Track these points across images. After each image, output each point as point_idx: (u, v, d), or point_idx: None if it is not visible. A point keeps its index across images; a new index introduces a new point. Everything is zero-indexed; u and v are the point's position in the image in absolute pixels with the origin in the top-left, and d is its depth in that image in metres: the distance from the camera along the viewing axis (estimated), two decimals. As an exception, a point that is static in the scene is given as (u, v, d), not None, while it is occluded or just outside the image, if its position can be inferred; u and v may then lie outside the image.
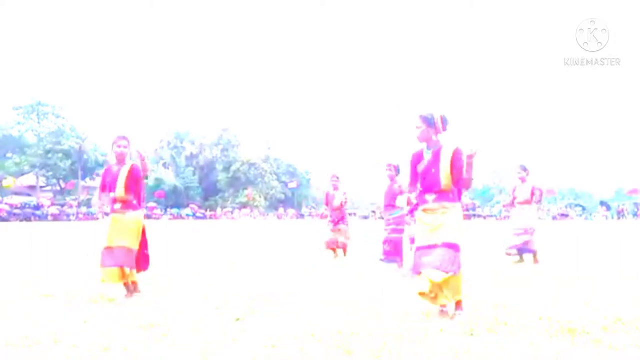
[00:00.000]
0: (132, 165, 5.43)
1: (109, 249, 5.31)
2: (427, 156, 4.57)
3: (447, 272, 4.25)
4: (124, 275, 5.37)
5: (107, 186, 5.50)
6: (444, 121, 4.52)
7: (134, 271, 5.44)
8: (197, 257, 10.40)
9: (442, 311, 4.41)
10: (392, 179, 8.23)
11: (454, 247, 4.34)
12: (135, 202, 5.47)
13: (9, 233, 20.76)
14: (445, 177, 4.40)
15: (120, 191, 5.37)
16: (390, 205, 8.24)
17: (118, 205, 5.41)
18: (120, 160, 5.47)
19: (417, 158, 4.67)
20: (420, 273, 4.46)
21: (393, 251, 8.01)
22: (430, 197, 4.52)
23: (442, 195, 4.46)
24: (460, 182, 4.42)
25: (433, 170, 4.49)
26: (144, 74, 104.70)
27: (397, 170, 8.19)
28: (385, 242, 8.15)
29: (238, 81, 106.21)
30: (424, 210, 4.55)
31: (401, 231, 8.12)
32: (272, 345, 3.44)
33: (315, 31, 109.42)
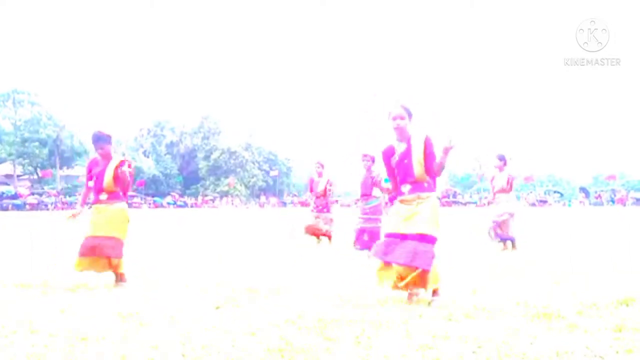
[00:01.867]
0: (120, 163, 5.35)
1: (93, 238, 5.26)
2: (399, 148, 4.56)
3: (418, 268, 4.24)
4: (110, 265, 5.34)
5: (94, 177, 5.43)
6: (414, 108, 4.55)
7: (122, 261, 5.38)
8: (178, 246, 10.35)
9: (410, 295, 4.44)
10: (368, 169, 8.27)
11: (427, 238, 4.32)
12: (121, 193, 5.44)
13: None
14: (418, 167, 4.41)
15: (108, 182, 5.32)
16: (366, 194, 8.29)
17: (104, 196, 5.36)
18: (106, 157, 5.41)
19: (389, 152, 4.67)
20: (386, 262, 4.45)
21: (369, 240, 8.06)
22: (405, 188, 4.52)
23: (417, 185, 4.46)
24: (432, 171, 4.44)
25: (406, 161, 4.49)
26: (123, 62, 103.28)
27: (373, 160, 8.22)
28: (361, 231, 8.19)
29: (218, 68, 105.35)
30: (401, 201, 4.56)
31: (377, 220, 8.17)
32: (251, 332, 3.44)
33: (296, 18, 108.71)
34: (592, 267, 6.58)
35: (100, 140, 5.37)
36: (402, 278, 4.34)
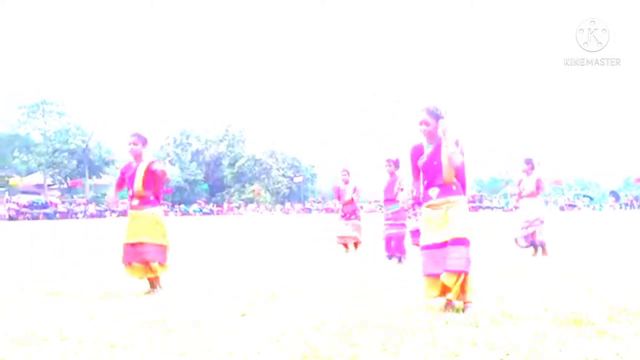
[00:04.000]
0: (150, 163, 5.42)
1: (130, 245, 5.35)
2: (428, 150, 4.48)
3: (460, 272, 4.19)
4: (150, 271, 5.38)
5: (126, 182, 5.52)
6: (444, 111, 4.40)
7: (158, 265, 5.42)
8: (204, 252, 10.44)
9: (447, 303, 4.36)
10: (392, 174, 8.25)
11: (463, 242, 4.25)
12: (152, 198, 5.49)
13: (17, 232, 20.90)
14: (447, 170, 4.31)
15: (138, 187, 5.39)
16: (390, 199, 8.26)
17: (135, 202, 5.44)
18: (137, 157, 5.49)
19: (417, 152, 4.58)
20: (432, 275, 4.36)
21: (396, 247, 8.02)
22: (433, 192, 4.42)
23: (445, 188, 4.37)
24: (460, 174, 4.38)
25: (435, 163, 4.39)
26: (148, 71, 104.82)
27: (397, 165, 8.20)
28: (387, 238, 8.16)
29: (241, 77, 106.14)
30: (428, 206, 4.45)
31: (402, 226, 8.13)
32: (276, 339, 3.45)
33: (318, 25, 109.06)
34: (621, 271, 6.44)
35: (132, 136, 5.45)
36: (446, 286, 4.26)
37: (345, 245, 9.84)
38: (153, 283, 5.48)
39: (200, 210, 53.12)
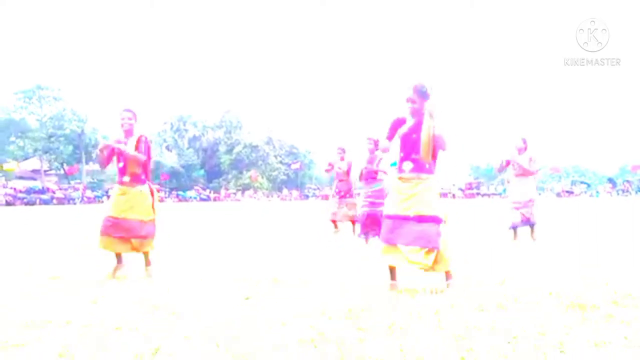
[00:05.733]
0: (140, 137, 5.43)
1: (114, 218, 5.33)
2: (409, 122, 4.55)
3: (431, 249, 4.31)
4: (132, 247, 5.41)
5: (117, 158, 5.49)
6: (431, 90, 4.49)
7: (147, 241, 5.46)
8: (204, 238, 10.43)
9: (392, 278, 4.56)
10: (372, 152, 8.31)
11: (433, 219, 4.35)
12: (143, 176, 5.49)
13: (15, 217, 20.85)
14: (424, 146, 4.37)
15: (130, 161, 5.39)
16: (371, 178, 8.28)
17: (127, 178, 5.42)
18: (128, 132, 5.46)
19: (399, 122, 4.63)
20: (389, 243, 4.47)
21: (371, 224, 8.08)
22: (407, 166, 4.51)
23: (419, 165, 4.47)
24: (436, 151, 4.49)
25: (414, 136, 4.48)
26: (146, 56, 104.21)
27: (377, 144, 8.14)
28: (365, 216, 8.20)
29: (239, 63, 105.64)
30: (400, 178, 4.56)
31: (381, 204, 8.05)
32: (282, 322, 3.44)
33: (317, 12, 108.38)
34: (622, 256, 6.45)
35: (125, 111, 5.43)
36: (409, 259, 4.36)
37: (334, 223, 9.80)
38: (147, 259, 5.54)
39: (198, 197, 53.05)
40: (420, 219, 4.36)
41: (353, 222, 9.69)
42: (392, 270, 4.60)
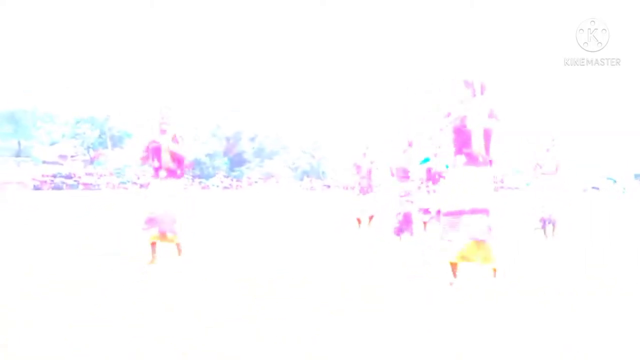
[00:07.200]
0: (174, 135, 5.59)
1: (152, 214, 5.53)
2: (460, 116, 4.48)
3: (482, 241, 4.24)
4: (167, 240, 5.62)
5: (152, 154, 5.65)
6: (483, 88, 4.44)
7: (177, 235, 5.65)
8: (227, 227, 10.56)
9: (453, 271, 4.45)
10: (405, 152, 8.31)
11: (484, 211, 4.30)
12: (179, 171, 5.67)
13: (45, 201, 21.30)
14: (477, 140, 4.34)
15: (165, 159, 5.53)
16: (405, 177, 8.32)
17: (163, 173, 5.58)
18: (164, 131, 5.61)
19: (452, 116, 4.55)
20: (448, 240, 4.41)
21: (404, 222, 8.10)
22: (460, 160, 4.47)
23: (472, 158, 4.41)
24: (488, 148, 4.42)
25: (465, 129, 4.41)
26: (170, 43, 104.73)
27: (410, 145, 8.23)
28: (399, 215, 8.23)
29: (262, 53, 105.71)
30: (454, 173, 4.51)
31: (411, 202, 8.19)
32: (282, 322, 3.50)
33: (334, 7, 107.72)
34: (625, 253, 6.40)
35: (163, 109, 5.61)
36: (468, 255, 4.30)
37: (359, 221, 9.91)
38: (179, 249, 5.76)
39: (220, 185, 53.47)
40: (475, 211, 4.31)
41: (370, 217, 9.86)
42: (453, 267, 4.48)
